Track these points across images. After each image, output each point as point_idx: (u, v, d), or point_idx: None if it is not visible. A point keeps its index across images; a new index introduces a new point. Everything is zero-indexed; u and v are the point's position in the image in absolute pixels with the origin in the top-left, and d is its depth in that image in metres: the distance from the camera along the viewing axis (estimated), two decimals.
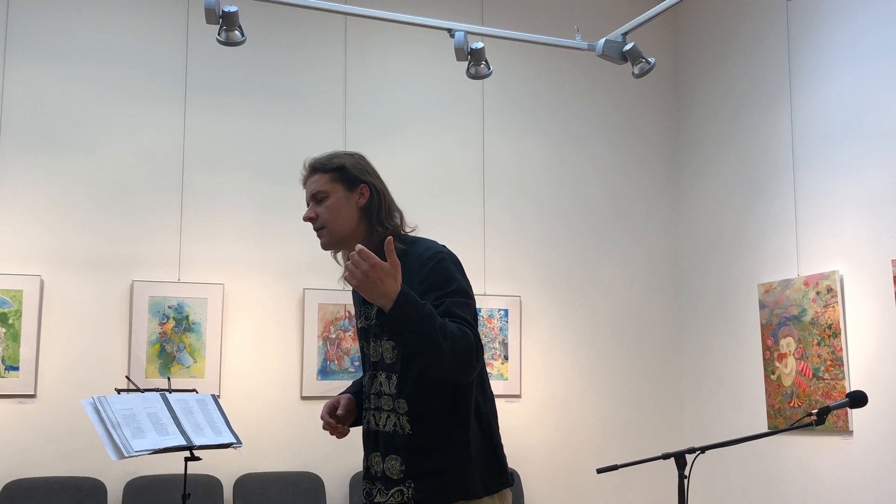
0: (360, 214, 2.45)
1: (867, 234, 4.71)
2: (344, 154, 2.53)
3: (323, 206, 2.45)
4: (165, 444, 3.63)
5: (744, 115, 5.69)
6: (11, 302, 4.83)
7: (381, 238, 2.35)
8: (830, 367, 4.81)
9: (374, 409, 2.42)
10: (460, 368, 2.21)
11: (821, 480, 4.90)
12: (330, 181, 2.46)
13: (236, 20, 3.86)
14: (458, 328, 2.19)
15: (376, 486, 2.39)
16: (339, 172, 2.46)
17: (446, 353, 2.15)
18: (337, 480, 5.26)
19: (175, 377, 4.90)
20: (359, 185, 2.45)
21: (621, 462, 3.23)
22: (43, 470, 4.79)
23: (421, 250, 2.39)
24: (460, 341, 2.18)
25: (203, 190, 5.30)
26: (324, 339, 5.35)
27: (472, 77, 4.39)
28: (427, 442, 2.31)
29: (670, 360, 6.14)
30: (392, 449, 2.35)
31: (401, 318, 2.13)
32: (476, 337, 2.23)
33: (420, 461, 2.31)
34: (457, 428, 2.31)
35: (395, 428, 2.34)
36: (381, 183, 2.50)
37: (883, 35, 4.71)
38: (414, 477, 2.31)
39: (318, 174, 2.48)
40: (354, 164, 2.48)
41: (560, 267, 5.97)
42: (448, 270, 2.33)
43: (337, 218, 2.44)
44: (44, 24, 5.14)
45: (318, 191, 2.46)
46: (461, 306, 2.28)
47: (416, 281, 2.29)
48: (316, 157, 2.51)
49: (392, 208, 2.49)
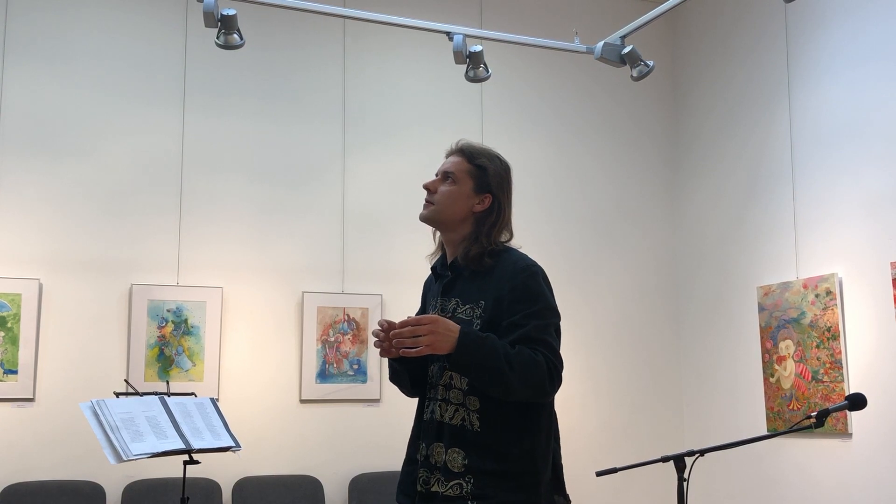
0: (470, 216, 2.48)
1: (866, 236, 4.71)
2: (494, 157, 2.55)
3: (446, 186, 2.49)
4: (164, 447, 3.62)
5: (742, 117, 5.69)
6: (10, 305, 4.83)
7: (479, 250, 2.42)
8: (829, 369, 4.81)
9: (440, 400, 2.42)
10: (533, 395, 2.29)
11: (820, 483, 4.90)
12: (465, 172, 2.50)
13: (235, 23, 3.85)
14: (530, 356, 2.26)
15: (435, 475, 2.38)
16: (479, 170, 2.50)
17: (514, 384, 2.23)
18: (336, 484, 5.26)
19: (174, 381, 4.89)
20: (485, 193, 2.49)
21: (620, 465, 3.24)
22: (41, 474, 4.78)
23: (514, 258, 2.44)
24: (531, 369, 2.25)
25: (202, 193, 5.30)
26: (323, 342, 5.34)
27: (471, 80, 4.38)
28: (494, 442, 2.32)
29: (669, 362, 6.14)
30: (457, 442, 2.35)
31: (466, 359, 2.23)
32: (550, 362, 2.28)
33: (484, 459, 2.32)
34: (525, 435, 2.34)
35: (462, 422, 2.35)
36: (507, 201, 2.53)
37: (881, 36, 4.71)
38: (475, 472, 2.31)
39: (461, 158, 2.52)
40: (496, 173, 2.51)
41: (558, 269, 5.94)
42: (539, 286, 2.38)
43: (449, 205, 2.48)
44: (42, 26, 5.14)
45: (451, 172, 2.50)
46: (543, 328, 2.33)
47: (506, 288, 2.35)
48: (470, 143, 2.55)
49: (503, 228, 2.51)
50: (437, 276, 2.57)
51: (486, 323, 2.36)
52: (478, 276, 2.43)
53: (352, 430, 5.31)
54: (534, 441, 2.34)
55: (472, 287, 2.43)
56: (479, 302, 2.39)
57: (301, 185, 5.49)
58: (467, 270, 2.46)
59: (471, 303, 2.41)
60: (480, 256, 2.43)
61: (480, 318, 2.37)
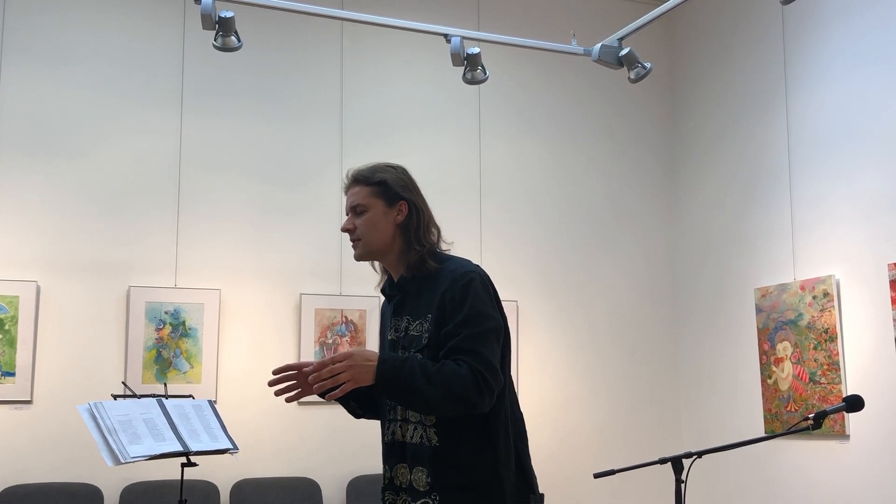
0: (397, 231, 2.47)
1: (864, 238, 4.72)
2: (387, 167, 2.53)
3: (361, 218, 2.47)
4: (162, 449, 3.62)
5: (740, 119, 5.69)
6: (7, 308, 4.82)
7: (418, 256, 2.43)
8: (827, 371, 4.82)
9: (400, 421, 2.42)
10: (460, 408, 2.26)
11: (817, 485, 4.90)
12: (370, 195, 2.47)
13: (232, 25, 3.85)
14: (452, 370, 2.24)
15: (401, 497, 2.39)
16: (381, 187, 2.47)
17: (435, 400, 2.23)
18: (334, 486, 5.26)
19: (171, 383, 4.89)
20: (398, 202, 2.47)
21: (618, 467, 3.24)
22: (39, 476, 4.78)
23: (453, 267, 2.42)
24: (453, 382, 2.22)
25: (200, 194, 5.29)
26: (321, 344, 5.34)
27: (469, 82, 4.38)
28: (454, 455, 2.32)
29: (667, 364, 6.14)
30: (419, 461, 2.35)
31: (387, 385, 2.24)
32: (476, 372, 2.24)
33: (447, 473, 2.31)
34: (486, 444, 2.32)
35: (421, 440, 2.35)
36: (421, 199, 2.52)
37: (879, 38, 4.72)
38: (440, 489, 2.31)
39: (359, 186, 2.50)
40: (396, 180, 2.50)
41: (557, 271, 5.97)
42: (475, 294, 2.34)
43: (373, 232, 2.46)
44: (40, 28, 5.14)
45: (358, 203, 2.48)
46: (473, 337, 2.29)
47: (445, 298, 2.33)
48: (359, 169, 2.53)
49: (430, 226, 2.51)
50: (389, 298, 2.56)
51: (432, 337, 2.35)
52: (424, 290, 2.42)
53: (350, 432, 5.28)
54: (494, 448, 2.32)
55: (419, 302, 2.42)
56: (427, 316, 2.38)
57: (299, 186, 5.49)
58: (414, 285, 2.45)
59: (419, 318, 2.40)
60: (422, 261, 2.43)
61: (428, 331, 2.36)
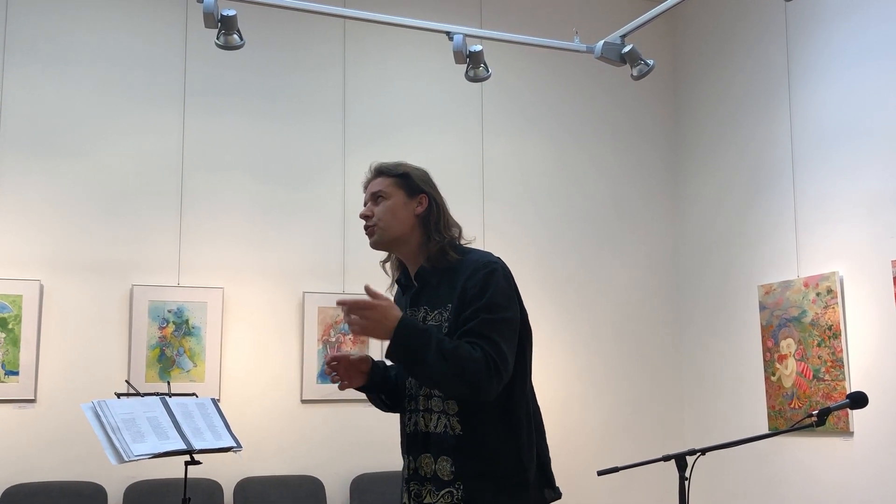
0: (416, 221, 2.50)
1: (867, 234, 4.71)
2: (410, 165, 2.58)
3: (381, 205, 2.51)
4: (165, 448, 3.62)
5: (743, 116, 5.69)
6: (11, 307, 4.83)
7: (438, 247, 2.45)
8: (831, 368, 4.81)
9: (423, 411, 2.43)
10: (469, 392, 2.26)
11: (821, 482, 4.90)
12: (393, 185, 2.51)
13: (235, 24, 3.85)
14: (467, 351, 2.24)
15: (426, 487, 2.39)
16: (403, 179, 2.51)
17: (446, 376, 2.22)
18: (337, 484, 5.26)
19: (175, 381, 4.89)
20: (419, 194, 2.50)
21: (622, 464, 3.24)
22: (43, 474, 4.78)
23: (476, 258, 2.44)
24: (466, 364, 2.22)
25: (202, 193, 5.30)
26: (324, 342, 5.34)
27: (471, 80, 4.38)
28: (478, 444, 2.33)
29: (670, 361, 6.13)
30: (443, 450, 2.36)
31: (398, 348, 2.24)
32: (490, 358, 2.24)
33: (471, 462, 2.32)
34: (508, 435, 2.34)
35: (445, 429, 2.36)
36: (440, 197, 2.55)
37: (881, 35, 4.71)
38: (464, 478, 2.32)
39: (381, 177, 2.54)
40: (418, 175, 2.54)
41: (559, 269, 5.97)
42: (496, 283, 2.36)
43: (393, 219, 2.49)
44: (42, 27, 5.14)
45: (379, 191, 2.51)
46: (490, 323, 2.30)
47: (466, 287, 2.35)
48: (382, 162, 2.57)
49: (450, 222, 2.53)
50: (404, 289, 2.57)
51: (452, 325, 2.35)
52: (444, 281, 2.43)
53: (353, 430, 5.31)
54: (517, 439, 2.34)
55: (438, 293, 2.43)
56: (447, 305, 2.39)
57: (302, 185, 5.49)
58: (434, 277, 2.46)
59: (439, 308, 2.41)
60: (443, 251, 2.45)
61: (448, 320, 2.37)
